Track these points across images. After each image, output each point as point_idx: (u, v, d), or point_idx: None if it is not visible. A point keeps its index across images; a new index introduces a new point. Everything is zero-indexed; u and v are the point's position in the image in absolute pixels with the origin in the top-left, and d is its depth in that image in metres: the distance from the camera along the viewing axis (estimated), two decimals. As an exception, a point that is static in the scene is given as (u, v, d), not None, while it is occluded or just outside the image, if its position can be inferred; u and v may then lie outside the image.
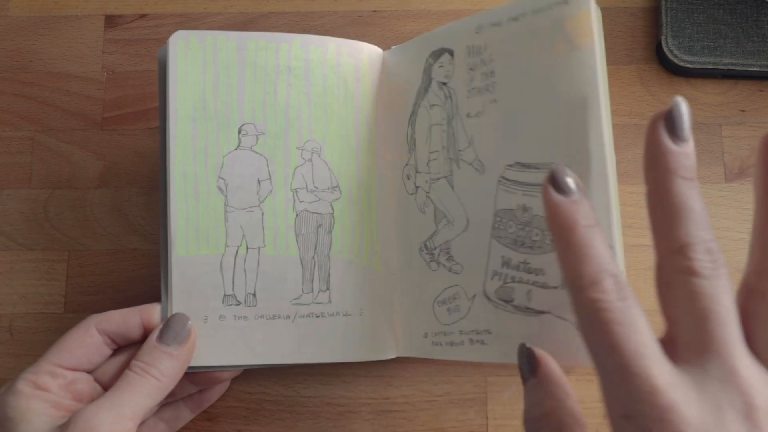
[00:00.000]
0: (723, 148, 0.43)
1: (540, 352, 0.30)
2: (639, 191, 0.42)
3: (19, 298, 0.42)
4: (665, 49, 0.43)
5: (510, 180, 0.34)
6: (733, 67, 0.43)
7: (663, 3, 0.44)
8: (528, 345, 0.30)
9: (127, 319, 0.36)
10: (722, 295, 0.24)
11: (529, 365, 0.30)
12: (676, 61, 0.43)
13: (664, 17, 0.43)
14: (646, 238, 0.41)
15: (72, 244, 0.42)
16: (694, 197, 0.26)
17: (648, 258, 0.41)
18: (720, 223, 0.42)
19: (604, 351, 0.24)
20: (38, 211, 0.43)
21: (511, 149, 0.34)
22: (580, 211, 0.27)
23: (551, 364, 0.29)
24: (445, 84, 0.37)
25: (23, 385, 0.33)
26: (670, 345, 0.25)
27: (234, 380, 0.40)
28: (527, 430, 0.28)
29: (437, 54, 0.38)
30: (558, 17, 0.33)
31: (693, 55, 0.43)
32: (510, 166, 0.34)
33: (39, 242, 0.42)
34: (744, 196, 0.42)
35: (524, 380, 0.30)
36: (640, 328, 0.24)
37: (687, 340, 0.25)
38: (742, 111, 0.44)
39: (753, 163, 0.43)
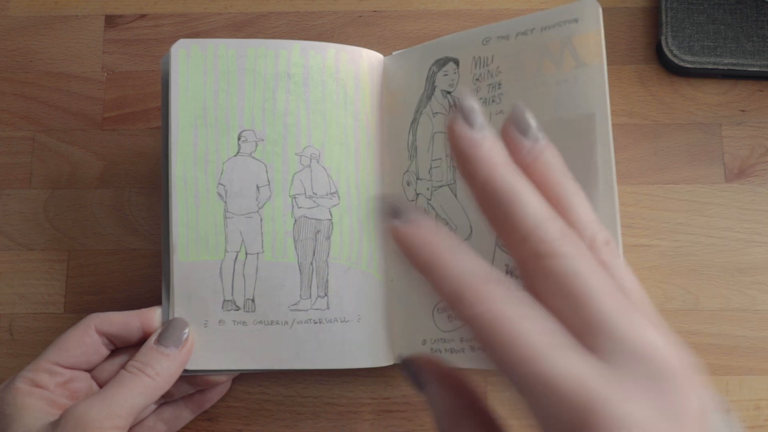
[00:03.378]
0: (723, 148, 0.43)
1: (424, 360, 0.26)
2: (639, 191, 0.42)
3: (19, 298, 0.42)
4: (665, 49, 0.43)
5: None
6: (733, 67, 0.43)
7: (663, 3, 0.44)
8: (406, 356, 0.27)
9: (127, 322, 0.36)
10: (583, 268, 0.22)
11: (417, 379, 0.26)
12: (676, 61, 0.43)
13: (664, 17, 0.43)
14: (647, 238, 0.42)
15: (72, 244, 0.42)
16: (518, 181, 0.23)
17: (648, 257, 0.41)
18: (720, 223, 0.42)
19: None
20: (38, 211, 0.43)
21: None
22: (441, 237, 0.24)
23: (441, 370, 0.26)
24: (449, 93, 0.38)
25: (21, 383, 0.33)
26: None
27: (234, 380, 0.40)
28: None
29: (442, 63, 0.38)
30: (567, 34, 0.34)
31: (693, 55, 0.43)
32: None
33: (39, 242, 0.43)
34: (744, 196, 0.42)
35: (420, 393, 0.26)
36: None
37: (576, 326, 0.21)
38: (742, 111, 0.44)
39: (753, 163, 0.43)
